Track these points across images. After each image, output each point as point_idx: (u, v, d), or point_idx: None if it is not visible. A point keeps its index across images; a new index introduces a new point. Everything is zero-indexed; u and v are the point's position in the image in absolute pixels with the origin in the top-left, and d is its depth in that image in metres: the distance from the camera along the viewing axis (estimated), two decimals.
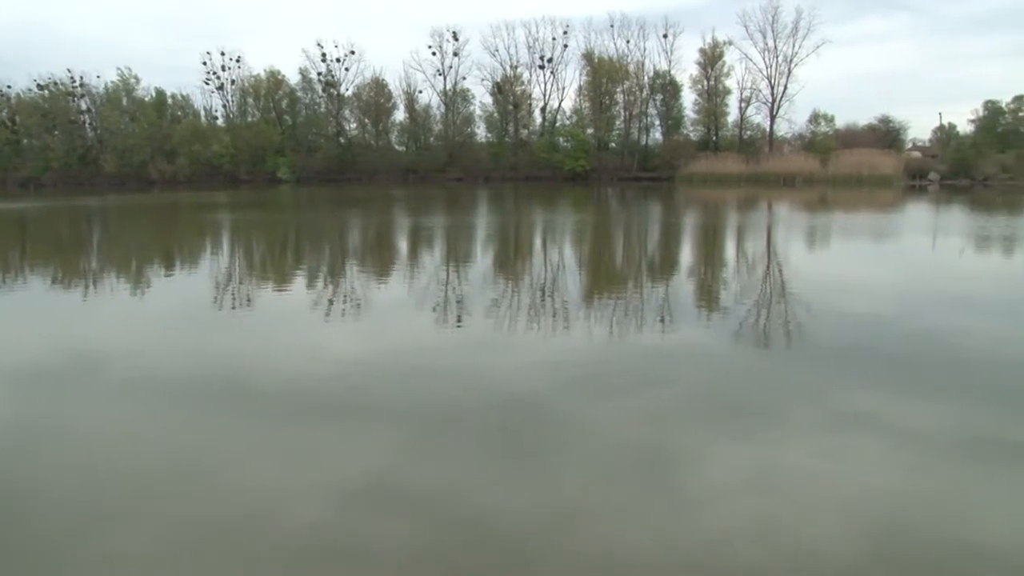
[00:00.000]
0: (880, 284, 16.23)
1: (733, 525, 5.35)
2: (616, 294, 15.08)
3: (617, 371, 9.22)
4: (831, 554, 4.97)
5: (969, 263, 20.45)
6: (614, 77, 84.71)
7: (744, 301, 14.15)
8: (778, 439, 6.98)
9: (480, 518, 5.45)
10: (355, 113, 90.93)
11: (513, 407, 7.84)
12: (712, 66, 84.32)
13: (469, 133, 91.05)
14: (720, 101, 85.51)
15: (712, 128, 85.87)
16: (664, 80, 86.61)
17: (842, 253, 23.06)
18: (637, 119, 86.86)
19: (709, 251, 23.40)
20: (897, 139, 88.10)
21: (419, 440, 6.96)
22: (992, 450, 6.72)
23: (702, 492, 5.91)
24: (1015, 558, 4.94)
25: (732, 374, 9.21)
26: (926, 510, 5.63)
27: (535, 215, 37.23)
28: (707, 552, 5.00)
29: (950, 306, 13.70)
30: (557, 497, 5.78)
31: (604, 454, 6.60)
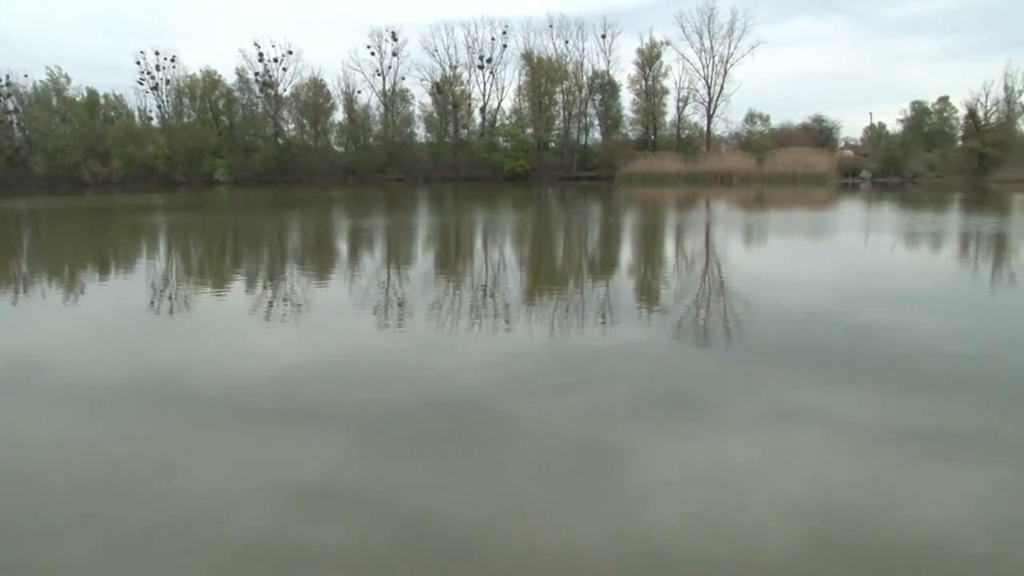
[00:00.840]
0: (816, 280, 16.55)
1: (676, 519, 5.41)
2: (557, 293, 15.16)
3: (559, 370, 9.27)
4: (773, 545, 5.05)
5: (900, 259, 20.94)
6: (553, 77, 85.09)
7: (684, 298, 14.33)
8: (719, 434, 7.06)
9: (424, 518, 5.43)
10: (293, 114, 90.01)
11: (456, 407, 7.84)
12: (650, 66, 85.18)
13: (409, 133, 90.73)
14: (658, 101, 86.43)
15: (650, 128, 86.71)
16: (603, 80, 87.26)
17: (779, 250, 23.46)
18: (576, 119, 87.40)
19: (649, 250, 23.64)
20: (830, 138, 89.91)
21: (362, 441, 6.93)
22: (925, 439, 6.90)
23: (645, 488, 5.96)
24: (948, 541, 5.08)
25: (673, 371, 9.33)
26: (864, 499, 5.74)
27: (475, 215, 37.24)
28: (650, 546, 5.04)
29: (883, 301, 14.02)
30: (501, 495, 5.79)
31: (547, 452, 6.63)
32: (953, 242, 24.47)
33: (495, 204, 45.59)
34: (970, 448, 6.74)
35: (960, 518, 5.42)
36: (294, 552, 5.03)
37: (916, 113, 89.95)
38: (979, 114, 78.14)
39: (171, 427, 7.44)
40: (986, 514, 5.51)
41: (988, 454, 6.62)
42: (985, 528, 5.31)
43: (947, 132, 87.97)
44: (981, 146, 74.51)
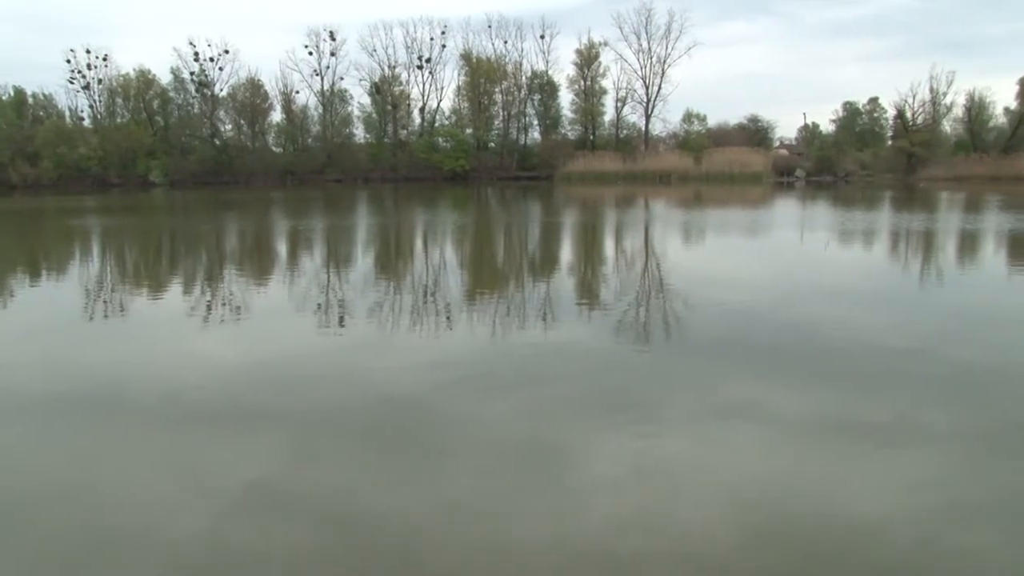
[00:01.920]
0: (753, 277, 16.84)
1: (619, 516, 5.46)
2: (498, 293, 15.21)
3: (500, 369, 9.30)
4: (714, 538, 5.13)
5: (834, 256, 21.40)
6: (492, 77, 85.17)
7: (624, 297, 14.49)
8: (660, 430, 7.14)
9: (367, 520, 5.42)
10: (230, 114, 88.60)
11: (398, 408, 7.82)
12: (588, 67, 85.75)
13: (348, 134, 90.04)
14: (597, 101, 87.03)
15: (589, 127, 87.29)
16: (542, 80, 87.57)
17: (717, 248, 23.80)
18: (516, 119, 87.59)
19: (589, 249, 23.82)
20: (765, 138, 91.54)
21: (304, 444, 6.88)
22: (857, 430, 7.06)
23: (587, 485, 6.00)
24: (880, 528, 5.20)
25: (613, 368, 9.40)
26: (800, 489, 5.88)
27: (416, 216, 37.13)
28: (594, 543, 5.08)
29: (818, 296, 14.35)
30: (444, 496, 5.78)
31: (490, 451, 6.66)
32: (884, 239, 25.08)
33: (435, 204, 45.51)
34: (900, 438, 6.93)
35: (891, 505, 5.56)
36: (235, 559, 4.98)
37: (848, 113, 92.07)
38: (907, 115, 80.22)
39: (104, 434, 7.31)
40: (915, 501, 5.67)
41: (917, 443, 6.82)
42: (914, 514, 5.47)
43: (877, 132, 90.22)
44: (909, 146, 76.58)
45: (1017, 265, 19.59)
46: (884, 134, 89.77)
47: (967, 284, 16.39)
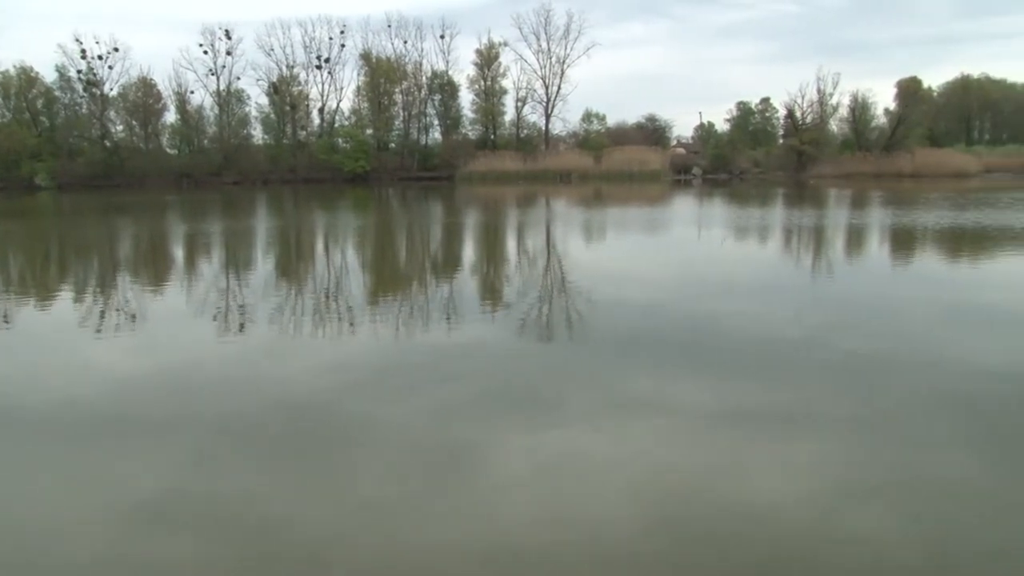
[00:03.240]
0: (653, 273, 17.19)
1: (526, 513, 5.51)
2: (401, 294, 15.18)
3: (405, 370, 9.29)
4: (619, 530, 5.23)
5: (730, 251, 22.00)
6: (392, 77, 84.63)
7: (527, 295, 14.60)
8: (566, 427, 7.23)
9: (274, 528, 5.35)
10: (121, 115, 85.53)
11: (302, 412, 7.72)
12: (488, 67, 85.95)
13: (245, 135, 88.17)
14: (497, 101, 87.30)
15: (490, 127, 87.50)
16: (442, 80, 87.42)
17: (618, 245, 24.20)
18: (416, 119, 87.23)
19: (492, 248, 23.92)
20: (663, 137, 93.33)
21: (207, 452, 6.74)
22: (758, 419, 7.30)
23: (495, 482, 6.05)
24: (781, 513, 5.40)
25: (518, 366, 9.48)
26: (703, 479, 6.02)
27: (316, 217, 36.67)
28: (502, 542, 5.12)
29: (716, 291, 14.74)
30: (351, 500, 5.76)
31: (397, 452, 6.64)
32: (777, 235, 25.90)
33: (336, 206, 45.01)
34: (796, 425, 7.19)
35: (787, 491, 5.77)
36: (138, 572, 4.88)
37: (741, 113, 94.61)
38: (797, 114, 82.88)
39: None
40: (809, 486, 5.89)
41: (812, 430, 7.08)
42: (808, 499, 5.67)
43: (769, 131, 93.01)
44: (799, 144, 79.26)
45: (900, 258, 20.47)
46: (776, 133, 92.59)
47: (855, 276, 17.12)
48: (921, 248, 22.05)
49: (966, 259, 19.95)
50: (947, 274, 17.36)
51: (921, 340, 10.53)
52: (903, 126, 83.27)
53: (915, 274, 17.46)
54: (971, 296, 13.96)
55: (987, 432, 7.05)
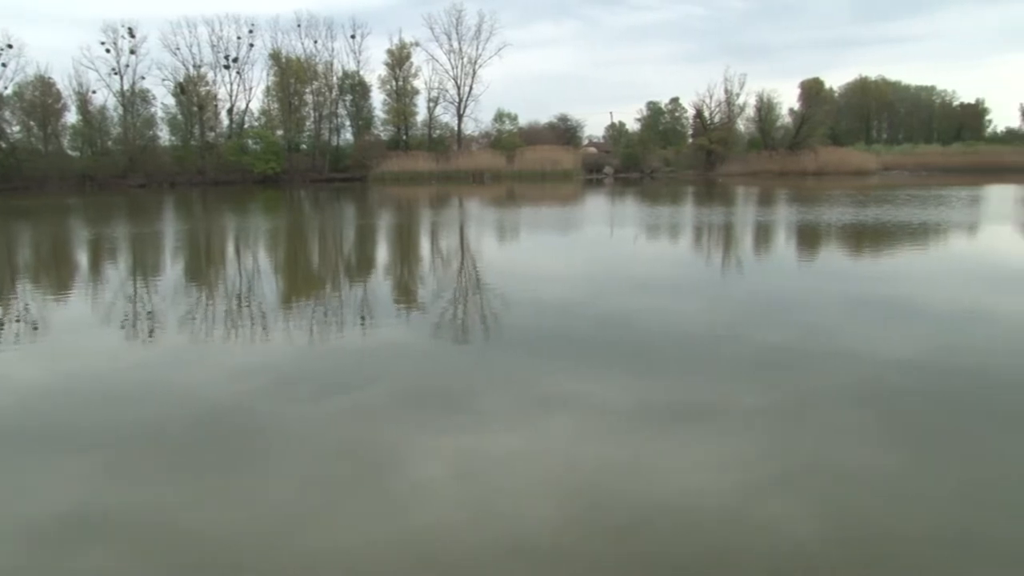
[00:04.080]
0: (568, 272, 17.38)
1: (445, 515, 5.50)
2: (314, 297, 15.03)
3: (320, 374, 9.21)
4: (539, 529, 5.27)
5: (643, 248, 22.37)
6: (303, 78, 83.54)
7: (441, 296, 14.63)
8: (482, 426, 7.28)
9: (190, 538, 5.25)
10: (17, 115, 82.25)
11: (216, 420, 7.60)
12: (400, 67, 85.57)
13: (151, 136, 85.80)
14: (409, 101, 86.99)
15: (402, 128, 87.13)
16: (353, 80, 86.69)
17: (532, 244, 24.35)
18: (327, 120, 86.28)
19: (405, 249, 23.84)
20: (575, 136, 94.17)
21: (118, 463, 6.56)
22: (673, 415, 7.45)
23: (412, 485, 6.03)
24: (697, 507, 5.52)
25: (434, 368, 9.49)
26: (621, 476, 6.11)
27: (226, 220, 36.00)
28: (422, 545, 5.10)
29: (630, 288, 14.99)
30: (268, 507, 5.69)
31: (314, 457, 6.59)
32: (689, 232, 26.42)
33: (246, 208, 44.26)
34: (712, 418, 7.36)
35: (705, 483, 5.91)
36: None
37: (651, 113, 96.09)
38: (705, 114, 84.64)
39: None
40: (727, 477, 6.04)
41: (726, 423, 7.26)
42: (727, 490, 5.80)
43: (679, 130, 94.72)
44: (708, 143, 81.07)
45: (806, 254, 21.10)
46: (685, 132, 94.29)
47: (764, 272, 17.60)
48: (826, 244, 22.74)
49: (868, 254, 20.66)
50: (851, 269, 17.94)
51: (827, 333, 10.88)
52: (807, 125, 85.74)
53: (821, 269, 18.00)
54: (874, 289, 14.47)
55: (892, 420, 7.33)
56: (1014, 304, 12.72)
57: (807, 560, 4.87)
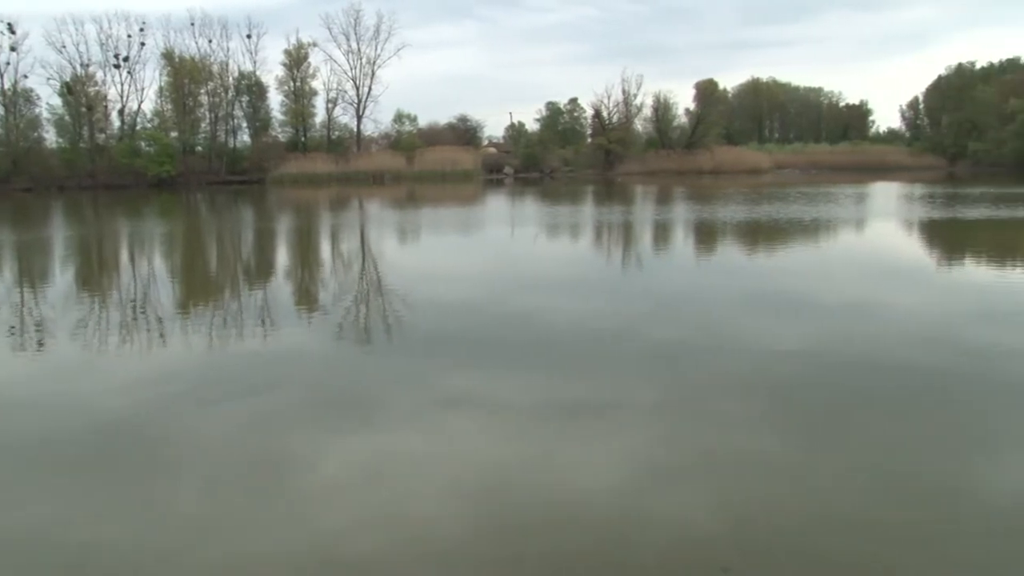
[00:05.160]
0: (470, 272, 17.50)
1: (350, 519, 5.54)
2: (213, 303, 14.80)
3: (220, 380, 9.11)
4: (445, 530, 5.34)
5: (543, 248, 22.63)
6: (197, 78, 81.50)
7: (343, 299, 14.58)
8: (387, 428, 7.33)
9: (93, 554, 5.16)
10: None
11: (113, 431, 7.44)
12: (298, 67, 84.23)
13: (36, 138, 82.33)
14: (307, 102, 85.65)
15: (300, 129, 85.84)
16: (250, 81, 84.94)
17: (433, 246, 24.39)
18: (223, 121, 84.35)
19: (305, 252, 23.60)
20: (475, 137, 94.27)
21: (9, 481, 6.40)
22: (575, 412, 7.63)
23: (317, 490, 6.05)
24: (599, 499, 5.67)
25: (336, 370, 9.50)
26: (524, 473, 6.25)
27: (119, 225, 34.97)
28: (328, 550, 5.11)
29: (531, 287, 15.21)
30: (170, 517, 5.63)
31: (217, 465, 6.55)
32: (589, 231, 26.84)
33: (140, 212, 43.01)
34: (613, 413, 7.57)
35: (607, 477, 6.09)
36: None
37: (551, 113, 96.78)
38: (603, 114, 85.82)
39: None
40: (627, 470, 6.24)
41: (627, 418, 7.49)
42: (627, 483, 6.00)
43: (578, 130, 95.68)
44: (607, 143, 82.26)
45: (703, 250, 21.69)
46: (584, 132, 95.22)
47: (663, 269, 18.06)
48: (722, 241, 23.40)
49: (762, 250, 21.36)
50: (745, 264, 18.53)
51: (722, 327, 11.27)
52: (702, 125, 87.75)
53: (716, 265, 18.57)
54: (767, 284, 15.04)
55: (785, 410, 7.69)
56: (897, 297, 13.38)
57: (703, 549, 5.05)
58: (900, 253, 20.28)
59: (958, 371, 8.84)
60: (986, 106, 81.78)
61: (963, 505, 5.59)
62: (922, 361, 9.26)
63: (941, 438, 6.93)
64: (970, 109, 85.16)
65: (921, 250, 21.88)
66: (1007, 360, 9.26)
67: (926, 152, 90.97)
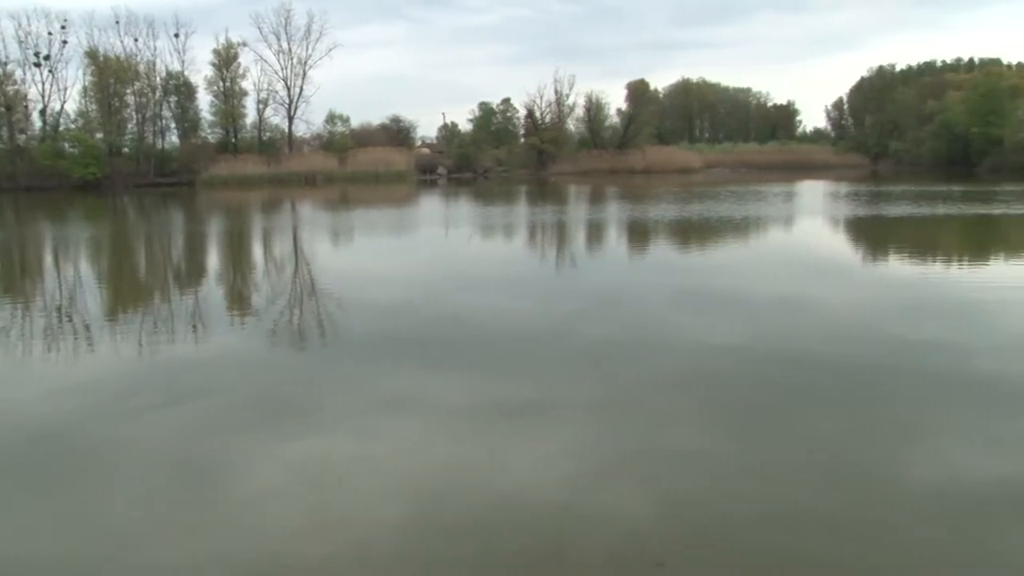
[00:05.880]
0: (404, 273, 17.46)
1: (288, 525, 5.47)
2: (143, 308, 14.53)
3: (152, 387, 8.91)
4: (384, 533, 5.33)
5: (477, 248, 22.69)
6: (123, 78, 79.72)
7: (276, 302, 14.45)
8: (323, 433, 7.28)
9: (7, 571, 5.04)
10: None
11: (39, 441, 7.24)
12: (227, 67, 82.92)
13: None
14: (237, 103, 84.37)
15: (231, 130, 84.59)
16: (178, 81, 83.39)
17: (367, 247, 24.27)
18: (151, 122, 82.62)
19: (237, 256, 23.30)
20: (408, 137, 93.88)
21: None
22: (508, 412, 7.69)
23: (254, 497, 5.98)
24: (537, 498, 5.72)
25: (271, 374, 9.38)
26: (463, 474, 6.27)
27: (42, 229, 34.08)
28: (265, 557, 5.06)
29: (466, 288, 15.26)
30: (98, 529, 5.54)
31: (149, 474, 6.42)
32: (523, 231, 26.97)
33: (64, 216, 41.97)
34: (550, 412, 7.65)
35: (545, 476, 6.15)
36: None
37: (483, 113, 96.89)
38: (536, 114, 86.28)
39: None
40: (566, 468, 6.31)
41: (563, 416, 7.57)
42: (565, 480, 6.06)
43: (511, 130, 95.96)
44: (540, 143, 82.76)
45: (636, 249, 21.98)
46: (517, 132, 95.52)
47: (596, 268, 18.25)
48: (655, 239, 23.75)
49: (694, 248, 21.73)
50: (678, 262, 18.86)
51: (655, 324, 11.47)
52: (634, 125, 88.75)
53: (651, 264, 18.84)
54: (699, 281, 15.32)
55: (719, 405, 7.85)
56: (825, 292, 13.76)
57: (639, 544, 5.12)
58: (828, 250, 20.79)
59: (885, 364, 9.11)
60: (906, 107, 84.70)
61: (891, 493, 5.77)
62: (851, 355, 9.51)
63: (870, 429, 7.13)
64: (891, 110, 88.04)
65: (848, 247, 22.48)
66: (931, 352, 9.58)
67: (850, 151, 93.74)
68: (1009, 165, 63.11)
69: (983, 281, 14.96)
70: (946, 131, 75.57)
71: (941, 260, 18.98)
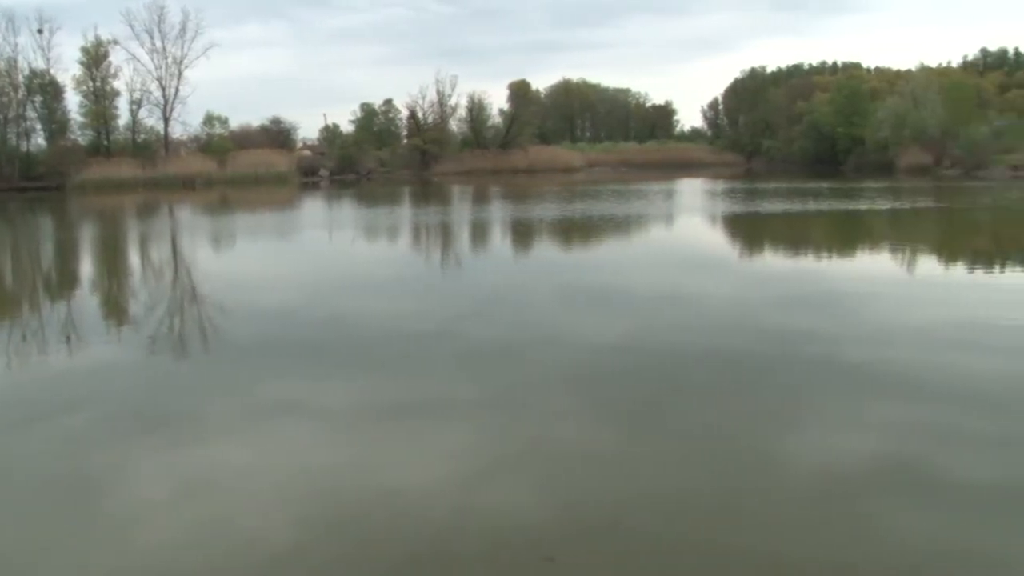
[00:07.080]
0: (287, 277, 17.25)
1: (174, 536, 5.38)
2: (10, 319, 13.98)
3: (24, 399, 8.62)
4: (275, 539, 5.29)
5: (361, 250, 22.60)
6: None
7: (155, 309, 14.09)
8: (208, 441, 7.18)
9: None
10: None
11: None
12: (97, 66, 79.82)
13: None
14: (109, 103, 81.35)
15: (103, 132, 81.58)
16: (43, 80, 79.93)
17: (249, 251, 23.84)
18: (14, 123, 78.91)
19: (112, 263, 22.54)
20: (289, 139, 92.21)
21: None
22: (397, 413, 7.72)
23: (135, 510, 5.84)
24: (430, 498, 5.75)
25: (151, 384, 9.15)
26: (353, 477, 6.28)
27: None
28: (151, 570, 4.96)
29: (349, 290, 15.23)
30: None
31: (24, 491, 6.21)
32: (406, 232, 26.99)
33: None
34: (440, 413, 7.72)
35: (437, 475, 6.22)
36: None
37: (365, 114, 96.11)
38: (418, 115, 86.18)
39: None
40: (457, 468, 6.40)
41: (450, 415, 7.66)
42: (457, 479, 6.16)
43: (393, 131, 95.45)
44: (423, 143, 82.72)
45: (521, 248, 22.25)
46: (400, 133, 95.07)
47: (481, 268, 18.44)
48: (538, 238, 24.07)
49: (578, 246, 22.15)
50: (563, 261, 19.21)
51: (541, 322, 11.67)
52: (516, 125, 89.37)
53: (534, 262, 19.14)
54: (584, 279, 15.65)
55: (605, 399, 8.07)
56: (706, 287, 14.27)
57: (529, 539, 5.21)
58: (707, 247, 21.50)
59: (763, 354, 9.52)
60: (777, 107, 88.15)
61: (772, 476, 6.07)
62: (731, 346, 9.91)
63: (750, 417, 7.43)
64: (763, 110, 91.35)
65: (726, 243, 23.30)
66: (806, 342, 10.05)
67: (726, 150, 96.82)
68: (871, 163, 66.48)
69: (852, 274, 15.78)
70: (814, 131, 78.97)
71: (813, 254, 19.89)
